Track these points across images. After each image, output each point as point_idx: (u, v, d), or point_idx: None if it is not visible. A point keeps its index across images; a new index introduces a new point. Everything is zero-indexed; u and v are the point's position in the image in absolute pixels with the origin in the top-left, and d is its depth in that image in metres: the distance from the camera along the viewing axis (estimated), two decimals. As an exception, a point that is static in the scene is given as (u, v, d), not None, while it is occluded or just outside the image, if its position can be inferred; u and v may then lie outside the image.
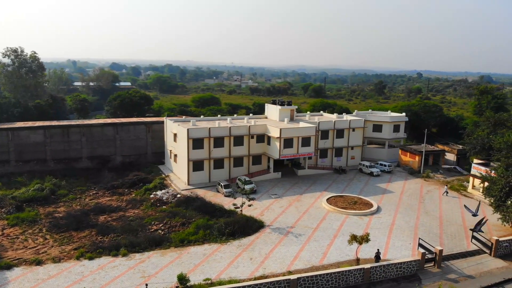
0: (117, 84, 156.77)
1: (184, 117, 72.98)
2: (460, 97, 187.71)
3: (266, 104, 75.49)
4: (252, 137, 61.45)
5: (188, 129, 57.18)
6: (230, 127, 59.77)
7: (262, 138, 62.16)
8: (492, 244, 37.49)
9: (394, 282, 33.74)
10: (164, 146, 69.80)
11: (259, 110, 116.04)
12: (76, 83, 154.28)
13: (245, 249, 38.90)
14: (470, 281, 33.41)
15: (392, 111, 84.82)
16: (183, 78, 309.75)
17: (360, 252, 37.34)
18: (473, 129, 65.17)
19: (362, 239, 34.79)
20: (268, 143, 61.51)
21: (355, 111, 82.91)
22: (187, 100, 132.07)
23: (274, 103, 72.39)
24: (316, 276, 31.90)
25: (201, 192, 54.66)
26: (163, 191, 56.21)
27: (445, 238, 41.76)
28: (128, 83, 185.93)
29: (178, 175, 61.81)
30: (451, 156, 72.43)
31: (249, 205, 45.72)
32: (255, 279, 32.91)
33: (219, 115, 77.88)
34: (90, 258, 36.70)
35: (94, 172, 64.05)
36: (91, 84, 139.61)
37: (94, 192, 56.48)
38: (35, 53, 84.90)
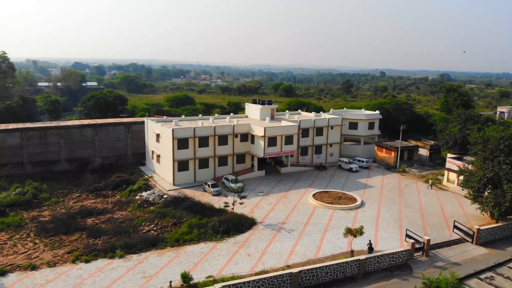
0: (84, 84, 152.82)
1: (164, 117, 72.51)
2: (424, 95, 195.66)
3: (246, 103, 76.27)
4: (236, 136, 62.08)
5: (173, 129, 57.08)
6: (214, 127, 60.15)
7: (246, 137, 62.91)
8: (474, 232, 40.07)
9: (387, 272, 35.47)
10: (144, 147, 69.21)
11: (235, 109, 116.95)
12: (41, 84, 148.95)
13: (241, 246, 39.59)
14: (457, 267, 35.61)
15: (365, 109, 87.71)
16: (149, 77, 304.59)
17: (352, 244, 39.00)
18: (444, 125, 68.74)
19: (357, 232, 36.34)
20: (252, 142, 62.35)
21: (331, 109, 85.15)
22: (160, 100, 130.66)
23: (254, 102, 73.30)
24: (316, 268, 33.09)
25: (187, 192, 54.79)
26: (149, 192, 55.95)
27: (428, 229, 44.13)
28: (95, 83, 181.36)
29: (162, 176, 61.50)
30: (424, 151, 75.95)
31: (241, 203, 46.45)
32: (256, 274, 33.71)
33: (200, 115, 77.94)
34: (87, 261, 36.25)
35: (73, 175, 62.66)
36: (58, 84, 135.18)
37: (77, 194, 55.39)
38: (4, 53, 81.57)
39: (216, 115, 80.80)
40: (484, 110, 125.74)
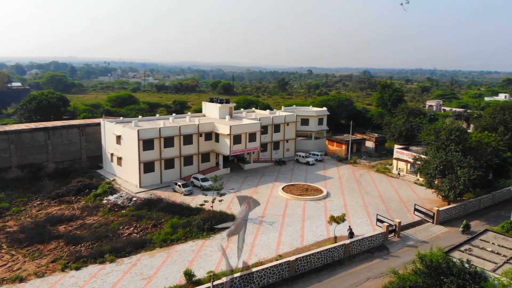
0: (9, 85, 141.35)
1: (121, 118, 70.61)
2: (353, 91, 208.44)
3: (203, 102, 76.91)
4: (201, 135, 62.69)
5: (138, 130, 56.24)
6: (180, 127, 60.22)
7: (210, 136, 63.75)
8: (434, 214, 45.35)
9: (368, 253, 39.10)
10: (100, 150, 67.00)
11: (181, 108, 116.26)
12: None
13: (229, 241, 40.69)
14: (426, 245, 40.24)
15: (312, 106, 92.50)
16: (74, 76, 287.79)
17: (329, 231, 42.29)
18: (389, 119, 75.23)
19: (340, 220, 39.50)
20: (217, 140, 63.36)
21: (282, 107, 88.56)
22: (100, 100, 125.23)
23: (212, 101, 74.21)
24: (309, 255, 35.61)
25: (158, 194, 54.44)
26: (115, 195, 54.69)
27: (392, 213, 48.84)
28: (19, 84, 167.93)
29: (126, 179, 60.16)
30: (370, 144, 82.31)
31: (220, 200, 47.60)
32: (253, 266, 35.37)
33: (158, 115, 76.83)
34: (77, 268, 35.30)
35: (27, 182, 58.86)
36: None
37: (39, 202, 52.48)
38: None
39: (174, 114, 79.91)
40: (410, 105, 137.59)
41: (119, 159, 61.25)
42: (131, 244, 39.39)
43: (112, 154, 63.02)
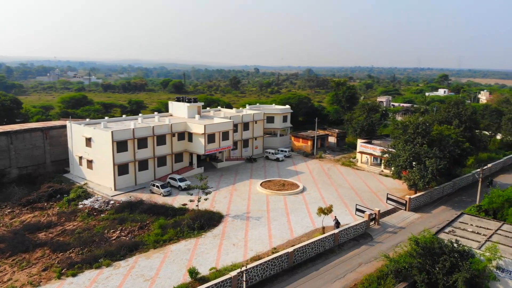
0: None
1: (87, 119, 68.25)
2: (302, 89, 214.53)
3: (170, 102, 76.21)
4: (174, 135, 62.46)
5: (112, 132, 55.03)
6: (153, 127, 59.63)
7: (183, 135, 63.69)
8: (406, 201, 49.17)
9: (355, 241, 41.75)
10: (64, 154, 64.51)
11: (137, 108, 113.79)
12: None
13: (222, 238, 41.72)
14: (405, 230, 43.85)
15: (275, 104, 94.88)
16: (11, 76, 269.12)
17: (315, 223, 44.63)
18: (351, 115, 79.34)
19: (328, 211, 41.78)
20: (190, 140, 63.44)
21: (246, 105, 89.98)
22: (46, 101, 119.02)
23: (179, 100, 73.84)
24: (305, 246, 37.47)
25: (132, 196, 53.64)
26: (91, 199, 53.32)
27: (366, 202, 52.03)
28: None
29: (98, 182, 58.47)
30: (332, 139, 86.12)
31: (205, 199, 48.18)
32: (252, 259, 36.62)
33: (124, 116, 74.95)
34: (73, 275, 34.47)
35: (-12, 190, 55.49)
36: None
37: (9, 210, 49.92)
38: None
39: (140, 114, 78.30)
40: (365, 101, 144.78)
41: (90, 162, 59.42)
42: (124, 247, 38.97)
43: (81, 157, 60.92)
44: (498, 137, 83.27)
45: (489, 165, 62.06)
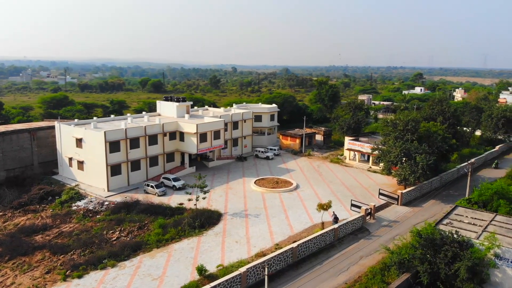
0: None
1: (76, 120, 67.13)
2: (283, 88, 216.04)
3: (158, 101, 75.70)
4: (165, 135, 62.27)
5: (105, 132, 54.48)
6: (145, 127, 59.31)
7: (174, 135, 63.58)
8: (398, 196, 50.83)
9: (353, 235, 42.95)
10: (53, 155, 63.36)
11: (119, 108, 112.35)
12: None
13: (224, 236, 42.14)
14: (399, 223, 45.41)
15: (261, 104, 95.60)
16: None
17: (312, 218, 45.65)
18: (337, 113, 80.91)
19: (327, 206, 42.82)
20: (182, 139, 63.39)
21: (234, 104, 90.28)
22: (28, 102, 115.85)
23: (167, 100, 73.49)
24: (308, 241, 38.36)
25: (133, 196, 53.37)
26: (84, 201, 52.72)
27: (359, 197, 53.39)
28: None
29: (90, 183, 57.71)
30: (319, 137, 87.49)
31: (204, 198, 48.43)
32: (257, 256, 37.26)
33: (113, 115, 73.90)
34: (79, 277, 34.26)
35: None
36: None
37: (1, 213, 48.88)
38: None
39: (129, 114, 77.43)
40: (347, 100, 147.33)
41: (81, 163, 58.59)
42: (127, 247, 38.91)
43: (71, 159, 59.96)
44: (477, 133, 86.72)
45: (473, 160, 64.67)
